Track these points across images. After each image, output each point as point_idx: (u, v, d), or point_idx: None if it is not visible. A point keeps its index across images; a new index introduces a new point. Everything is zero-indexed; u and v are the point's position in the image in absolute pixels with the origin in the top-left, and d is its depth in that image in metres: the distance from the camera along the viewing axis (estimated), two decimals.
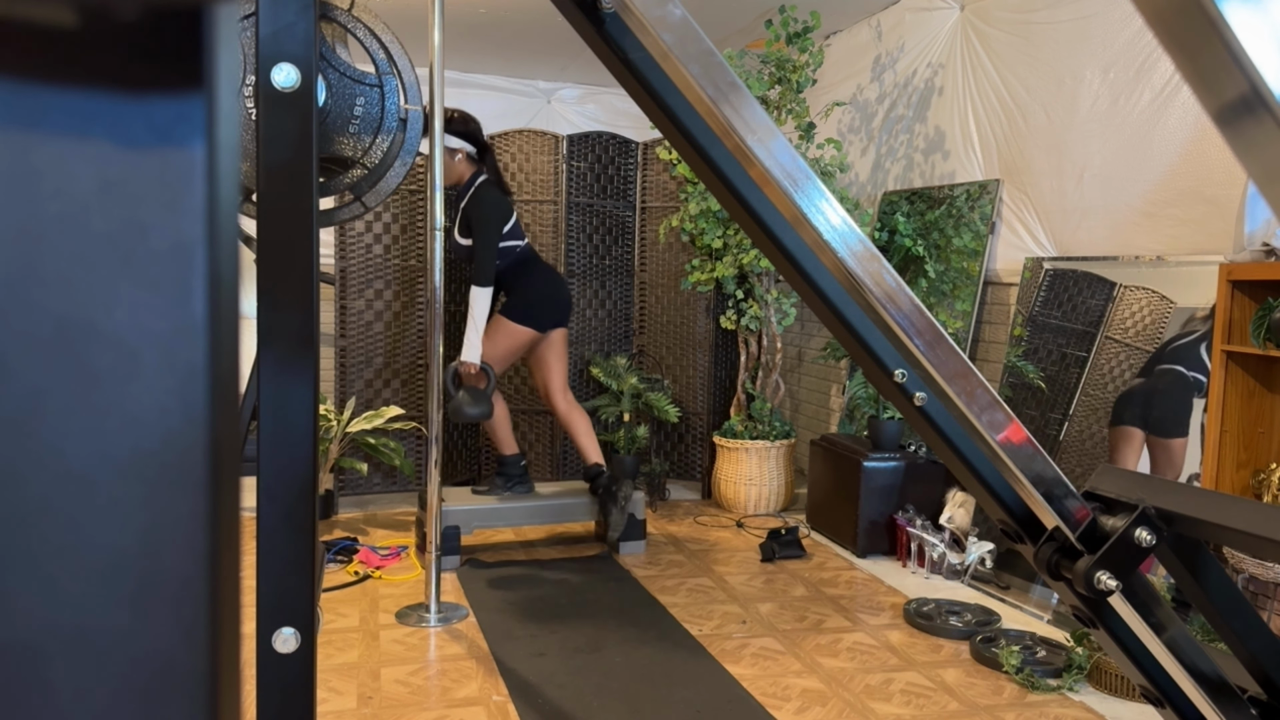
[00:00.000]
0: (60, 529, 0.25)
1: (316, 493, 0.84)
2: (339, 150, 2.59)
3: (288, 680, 0.82)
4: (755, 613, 3.43)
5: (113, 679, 0.25)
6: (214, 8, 0.25)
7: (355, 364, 4.71)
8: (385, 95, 2.61)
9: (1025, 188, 3.96)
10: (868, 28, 5.04)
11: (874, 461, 4.09)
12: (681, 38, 0.78)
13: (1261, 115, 0.37)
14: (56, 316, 0.24)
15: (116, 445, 0.25)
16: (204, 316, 0.25)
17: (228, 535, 0.27)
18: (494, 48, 5.56)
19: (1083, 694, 2.79)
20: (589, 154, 5.16)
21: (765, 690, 2.77)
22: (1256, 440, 2.84)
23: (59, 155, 0.24)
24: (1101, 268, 3.54)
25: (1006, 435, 0.93)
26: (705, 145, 0.88)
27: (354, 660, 2.93)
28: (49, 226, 0.24)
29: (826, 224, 0.85)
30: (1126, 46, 3.46)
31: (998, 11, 4.09)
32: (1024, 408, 3.73)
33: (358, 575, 3.71)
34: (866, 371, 1.01)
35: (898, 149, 4.81)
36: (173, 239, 0.25)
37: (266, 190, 0.80)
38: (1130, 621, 0.97)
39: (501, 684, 2.78)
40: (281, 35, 0.78)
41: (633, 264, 5.30)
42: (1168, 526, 0.93)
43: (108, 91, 0.24)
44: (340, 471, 4.59)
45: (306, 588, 0.82)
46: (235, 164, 0.27)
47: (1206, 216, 3.15)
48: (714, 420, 5.13)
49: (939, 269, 4.29)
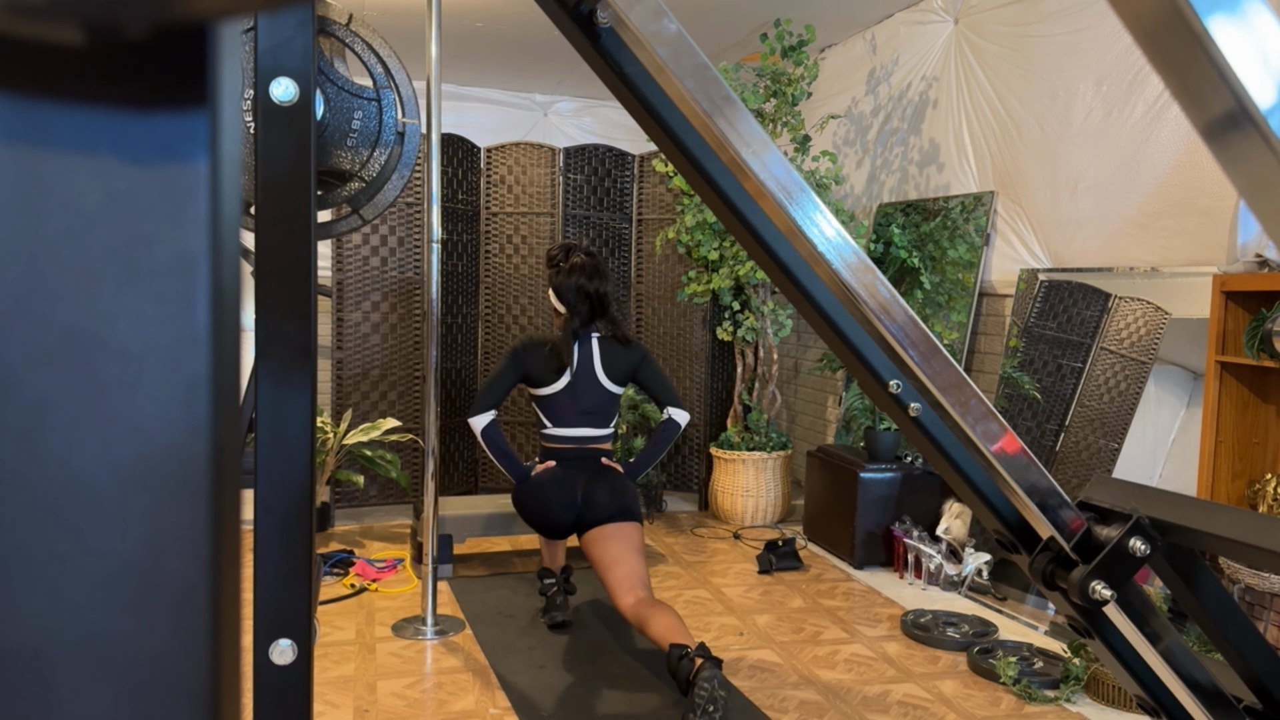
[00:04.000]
0: (64, 536, 0.25)
1: (314, 505, 0.84)
2: (337, 163, 2.60)
3: (284, 692, 0.82)
4: (753, 624, 3.42)
5: (115, 685, 0.25)
6: (217, 26, 0.26)
7: (352, 376, 4.71)
8: (383, 109, 2.62)
9: (1019, 199, 3.98)
10: (862, 41, 5.07)
11: (870, 473, 4.09)
12: (676, 52, 0.79)
13: (1248, 130, 0.38)
14: (63, 328, 0.25)
15: (120, 454, 0.25)
16: (207, 328, 0.26)
17: (228, 544, 0.27)
18: (491, 61, 5.58)
19: (1080, 705, 2.79)
20: (585, 166, 5.18)
21: (764, 702, 2.77)
22: (1251, 451, 2.85)
23: (65, 170, 0.25)
24: (1096, 279, 3.55)
25: (1001, 446, 0.93)
26: (700, 158, 0.89)
27: (350, 673, 2.92)
28: (55, 240, 0.25)
29: (821, 236, 0.86)
30: (1119, 59, 3.49)
31: (991, 25, 4.12)
32: (1020, 419, 3.73)
33: (354, 588, 3.70)
34: (861, 383, 1.01)
35: (892, 161, 4.83)
36: (176, 252, 0.25)
37: (265, 203, 0.80)
38: (1125, 631, 0.97)
39: (500, 696, 2.77)
40: (280, 50, 0.79)
41: (629, 276, 5.31)
42: (1162, 536, 0.93)
43: (113, 108, 0.25)
44: (337, 484, 4.58)
45: (303, 600, 0.82)
46: (237, 178, 0.28)
47: (1200, 228, 3.16)
48: (711, 432, 5.13)
49: (934, 280, 4.30)
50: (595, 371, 3.23)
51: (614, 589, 2.95)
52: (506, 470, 3.21)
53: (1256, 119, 0.37)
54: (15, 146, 0.24)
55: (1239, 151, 0.39)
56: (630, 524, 3.10)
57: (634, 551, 3.05)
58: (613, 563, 3.00)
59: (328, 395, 4.70)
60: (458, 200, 4.99)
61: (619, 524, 3.09)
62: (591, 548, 3.09)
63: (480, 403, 3.20)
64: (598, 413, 3.25)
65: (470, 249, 5.13)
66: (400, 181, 2.70)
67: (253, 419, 0.83)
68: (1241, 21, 0.36)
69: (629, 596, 2.89)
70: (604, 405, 3.26)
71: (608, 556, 3.02)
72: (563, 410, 3.23)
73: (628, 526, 3.10)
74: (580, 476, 3.16)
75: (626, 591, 2.91)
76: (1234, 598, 1.45)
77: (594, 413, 3.24)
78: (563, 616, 3.32)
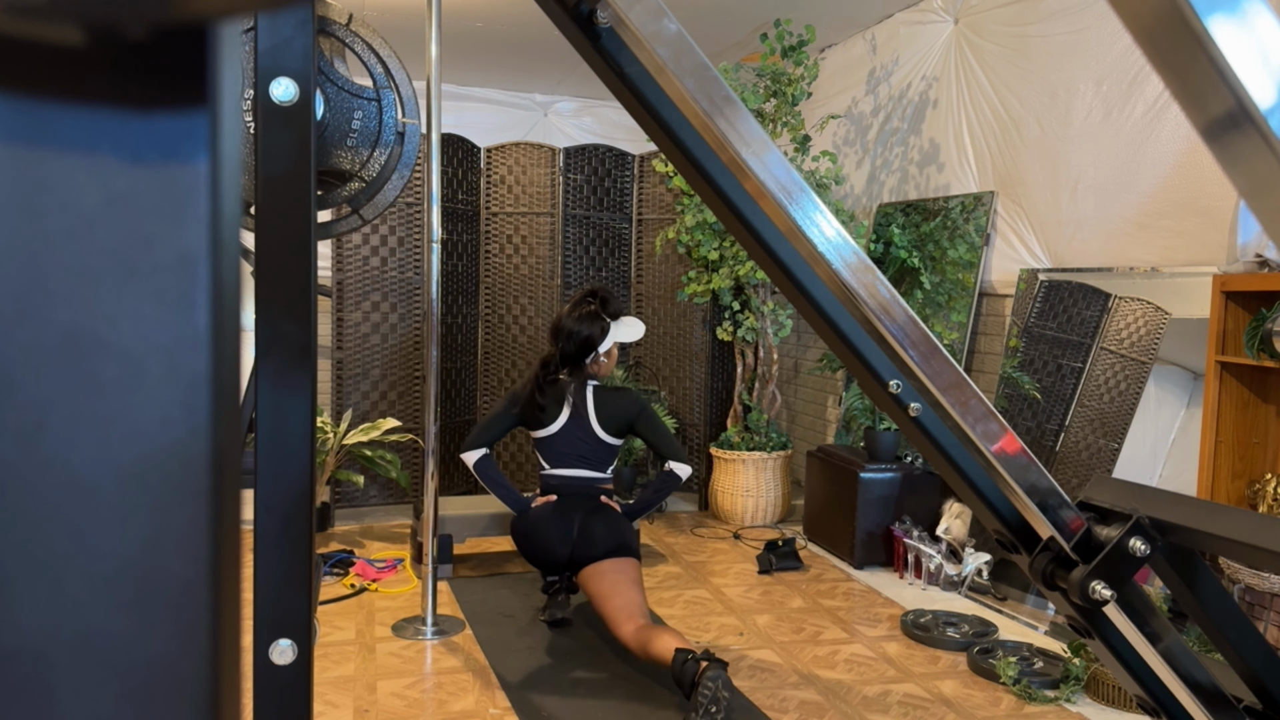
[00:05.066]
0: (65, 536, 0.25)
1: (314, 505, 0.85)
2: (337, 163, 2.60)
3: (284, 692, 0.82)
4: (753, 624, 3.42)
5: (115, 684, 0.25)
6: (217, 26, 0.26)
7: (352, 376, 4.71)
8: (383, 109, 2.62)
9: (1019, 199, 3.98)
10: (862, 41, 5.07)
11: (870, 473, 4.09)
12: (676, 52, 0.79)
13: (1247, 130, 0.38)
14: (63, 328, 0.25)
15: (121, 454, 0.25)
16: (207, 327, 0.26)
17: (228, 544, 0.27)
18: (491, 61, 5.58)
19: (1080, 705, 2.79)
20: (585, 166, 5.18)
21: (764, 702, 2.77)
22: (1251, 450, 2.85)
23: (66, 170, 0.25)
24: (1096, 279, 3.55)
25: (1001, 446, 0.93)
26: (700, 159, 0.89)
27: (350, 673, 2.92)
28: (56, 240, 0.25)
29: (821, 236, 0.86)
30: (1119, 59, 3.49)
31: (991, 25, 4.12)
32: (1020, 419, 3.73)
33: (354, 588, 3.70)
34: (861, 383, 1.02)
35: (892, 161, 4.83)
36: (176, 252, 0.25)
37: (264, 203, 0.80)
38: (1125, 631, 0.97)
39: (499, 696, 2.77)
40: (280, 50, 0.79)
41: (629, 276, 5.31)
42: (1162, 536, 0.94)
43: (114, 108, 0.25)
44: (337, 484, 4.58)
45: (303, 600, 0.82)
46: (237, 178, 0.28)
47: (1200, 228, 3.16)
48: (711, 432, 5.13)
49: (934, 281, 4.30)
50: (590, 420, 3.22)
51: (613, 618, 2.91)
52: (504, 500, 3.22)
53: (1256, 119, 0.37)
54: (15, 146, 0.24)
55: (1239, 151, 0.39)
56: (628, 559, 3.08)
57: (632, 584, 3.01)
58: (610, 594, 2.97)
59: (328, 395, 4.70)
60: (458, 200, 4.99)
61: (616, 559, 3.06)
62: (589, 583, 3.05)
63: (474, 439, 3.23)
64: (592, 458, 3.25)
65: (470, 249, 5.13)
66: (400, 181, 2.70)
67: (253, 419, 0.83)
68: (1241, 21, 0.36)
69: (629, 624, 2.85)
70: (597, 452, 3.25)
71: (605, 588, 2.99)
72: (558, 453, 3.25)
73: (624, 562, 3.06)
74: (578, 511, 3.14)
75: (626, 620, 2.87)
76: (1234, 598, 1.45)
77: (589, 457, 3.24)
78: (562, 614, 3.31)
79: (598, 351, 3.21)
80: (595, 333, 3.19)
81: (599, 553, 3.06)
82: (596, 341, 3.19)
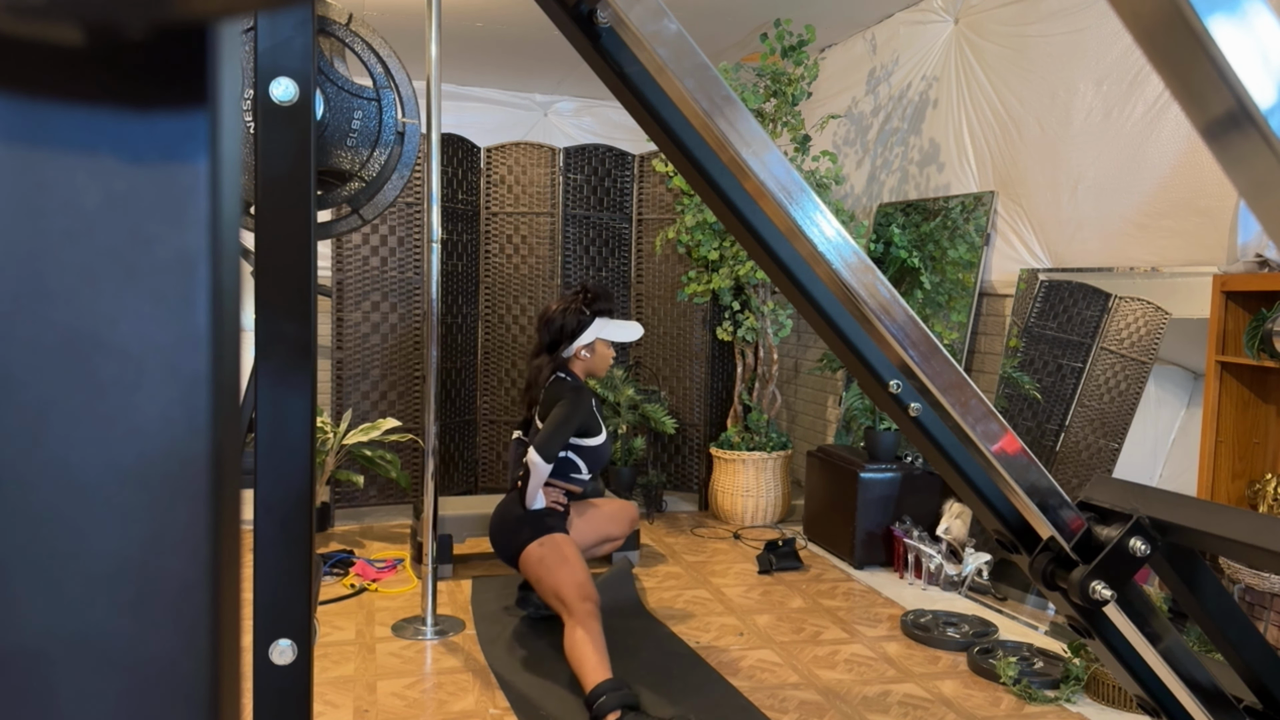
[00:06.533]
0: (65, 536, 0.25)
1: (314, 505, 0.85)
2: (337, 163, 2.60)
3: (284, 692, 0.82)
4: (753, 624, 3.42)
5: (115, 684, 0.25)
6: (217, 26, 0.26)
7: (352, 376, 4.71)
8: (383, 109, 2.62)
9: (1020, 199, 3.98)
10: (862, 41, 5.07)
11: (870, 473, 4.09)
12: (676, 52, 0.79)
13: (1248, 130, 0.38)
14: (63, 328, 0.25)
15: (121, 454, 0.25)
16: (206, 327, 0.26)
17: (228, 544, 0.27)
18: (491, 61, 5.58)
19: (1080, 705, 2.79)
20: (585, 166, 5.18)
21: (764, 702, 2.77)
22: (1251, 450, 2.85)
23: (66, 170, 0.25)
24: (1096, 279, 3.55)
25: (1001, 446, 0.93)
26: (700, 158, 0.89)
27: (350, 673, 2.92)
28: (56, 240, 0.25)
29: (821, 236, 0.86)
30: (1119, 59, 3.49)
31: (991, 25, 4.12)
32: (1020, 419, 3.73)
33: (354, 588, 3.70)
34: (861, 383, 1.01)
35: (892, 161, 4.83)
36: (176, 252, 0.25)
37: (264, 203, 0.80)
38: (1125, 631, 0.97)
39: (499, 696, 2.77)
40: (279, 50, 0.79)
41: (629, 276, 5.31)
42: (1162, 536, 0.94)
43: (114, 108, 0.25)
44: (337, 484, 4.58)
45: (303, 600, 0.82)
46: (237, 178, 0.28)
47: (1200, 228, 3.16)
48: (711, 432, 5.13)
49: (934, 280, 4.30)
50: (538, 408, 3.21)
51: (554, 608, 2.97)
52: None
53: (1256, 119, 0.37)
54: (15, 146, 0.24)
55: (1239, 151, 0.39)
56: (529, 549, 3.05)
57: (548, 570, 3.00)
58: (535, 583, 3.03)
59: (328, 395, 4.70)
60: (458, 200, 4.99)
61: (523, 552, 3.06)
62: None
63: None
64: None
65: (470, 249, 5.13)
66: (400, 181, 2.70)
67: (253, 419, 0.83)
68: (1241, 21, 0.36)
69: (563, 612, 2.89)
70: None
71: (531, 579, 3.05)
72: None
73: (527, 552, 3.06)
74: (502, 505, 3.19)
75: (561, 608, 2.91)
76: (1234, 598, 1.45)
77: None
78: (536, 612, 3.36)
79: (574, 344, 3.18)
80: (569, 322, 3.15)
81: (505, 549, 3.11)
82: (569, 330, 3.16)
